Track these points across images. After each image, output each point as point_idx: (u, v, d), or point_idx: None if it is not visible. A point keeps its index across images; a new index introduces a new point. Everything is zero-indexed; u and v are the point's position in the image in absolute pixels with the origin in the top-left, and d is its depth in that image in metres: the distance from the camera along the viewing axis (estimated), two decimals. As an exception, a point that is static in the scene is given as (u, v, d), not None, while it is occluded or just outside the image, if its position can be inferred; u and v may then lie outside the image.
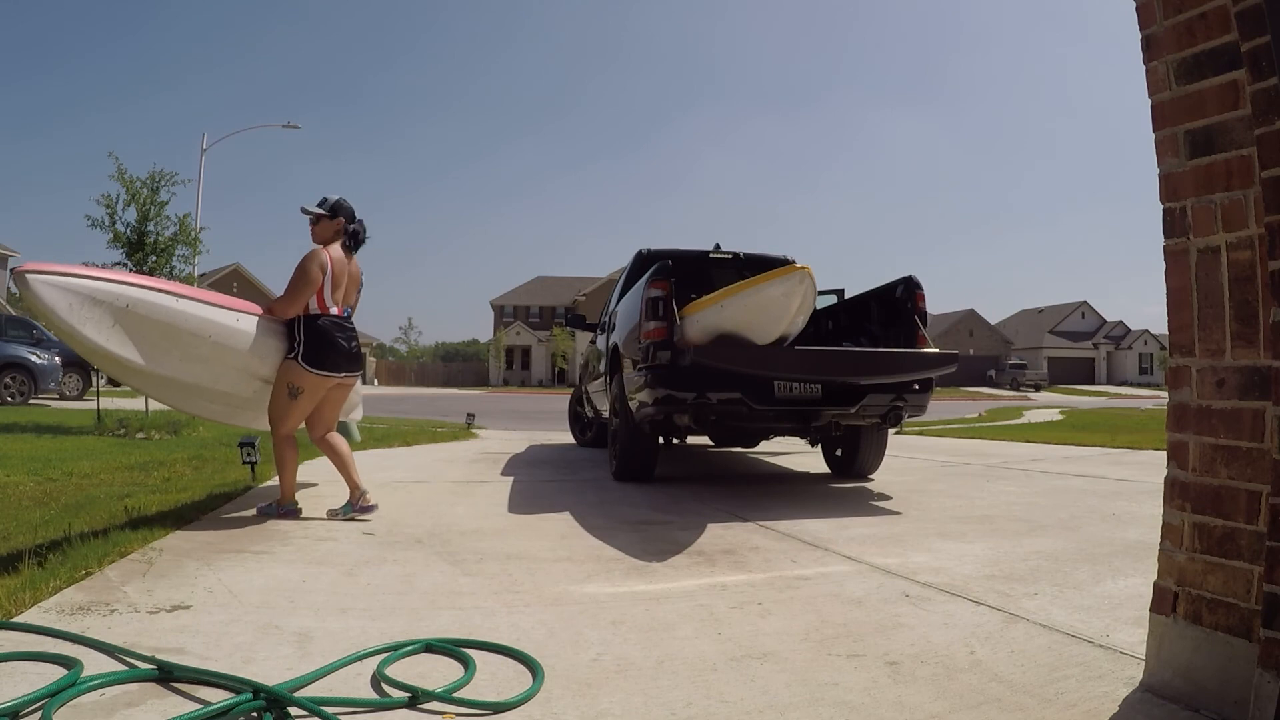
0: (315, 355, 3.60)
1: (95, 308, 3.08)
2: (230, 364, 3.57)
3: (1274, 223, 1.42)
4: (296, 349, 3.59)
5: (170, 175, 9.05)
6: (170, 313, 3.29)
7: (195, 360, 3.45)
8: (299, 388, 3.60)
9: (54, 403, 13.97)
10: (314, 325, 3.63)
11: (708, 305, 4.16)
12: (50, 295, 2.97)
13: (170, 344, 3.35)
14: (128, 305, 3.16)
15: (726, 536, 3.41)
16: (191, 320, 3.35)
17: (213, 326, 3.42)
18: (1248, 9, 1.46)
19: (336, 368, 3.68)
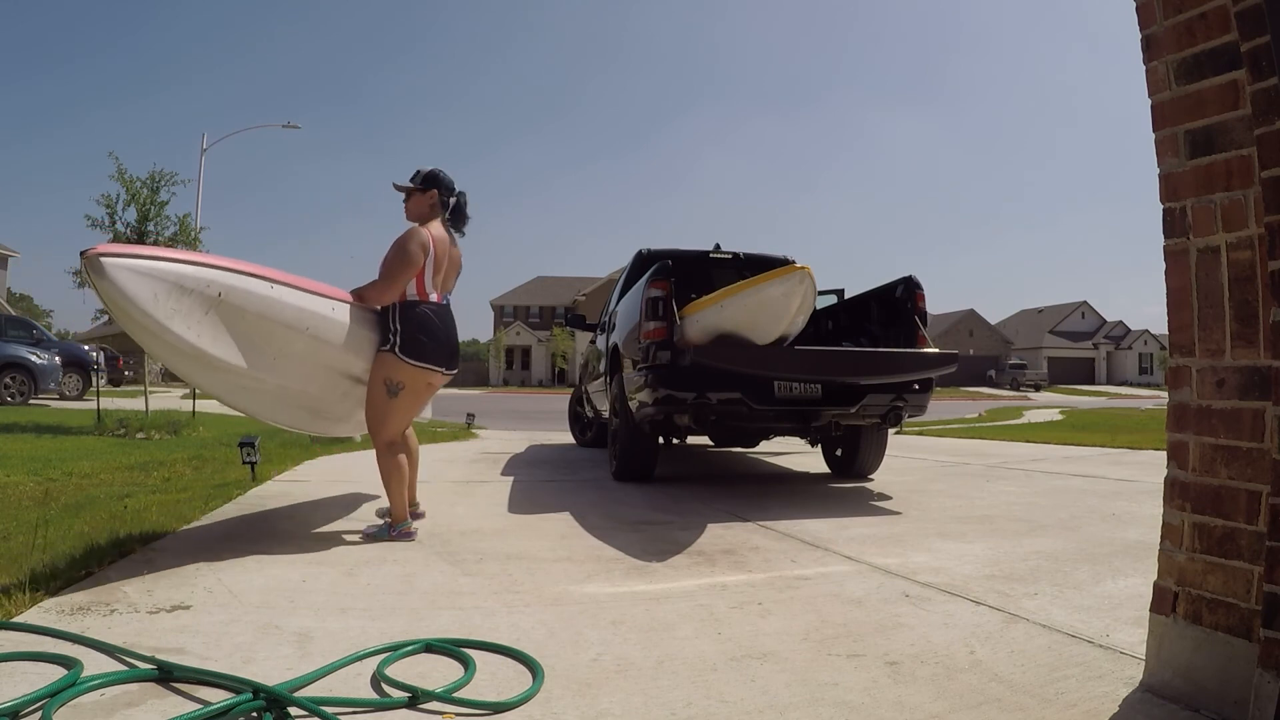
0: (414, 346, 3.19)
1: (184, 298, 2.62)
2: (324, 361, 3.16)
3: (1274, 223, 1.42)
4: (392, 340, 3.19)
5: (170, 175, 9.07)
6: (265, 302, 2.85)
7: (289, 358, 3.03)
8: (398, 383, 3.19)
9: (54, 403, 13.96)
10: (413, 312, 3.22)
11: (708, 305, 4.16)
12: (132, 284, 2.49)
13: (265, 340, 2.92)
14: (220, 294, 2.71)
15: (726, 536, 3.41)
16: (287, 310, 2.92)
17: (309, 317, 2.99)
18: (1248, 9, 1.46)
19: (437, 361, 3.26)
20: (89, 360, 15.21)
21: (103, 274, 2.43)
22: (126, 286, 2.48)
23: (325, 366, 3.19)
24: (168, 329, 2.60)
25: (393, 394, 3.19)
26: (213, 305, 2.71)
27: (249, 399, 3.16)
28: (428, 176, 3.40)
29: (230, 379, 2.96)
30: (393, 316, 3.21)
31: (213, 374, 2.92)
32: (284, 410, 3.34)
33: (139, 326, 2.58)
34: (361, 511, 3.86)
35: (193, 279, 2.65)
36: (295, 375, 3.10)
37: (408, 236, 3.25)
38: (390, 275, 3.21)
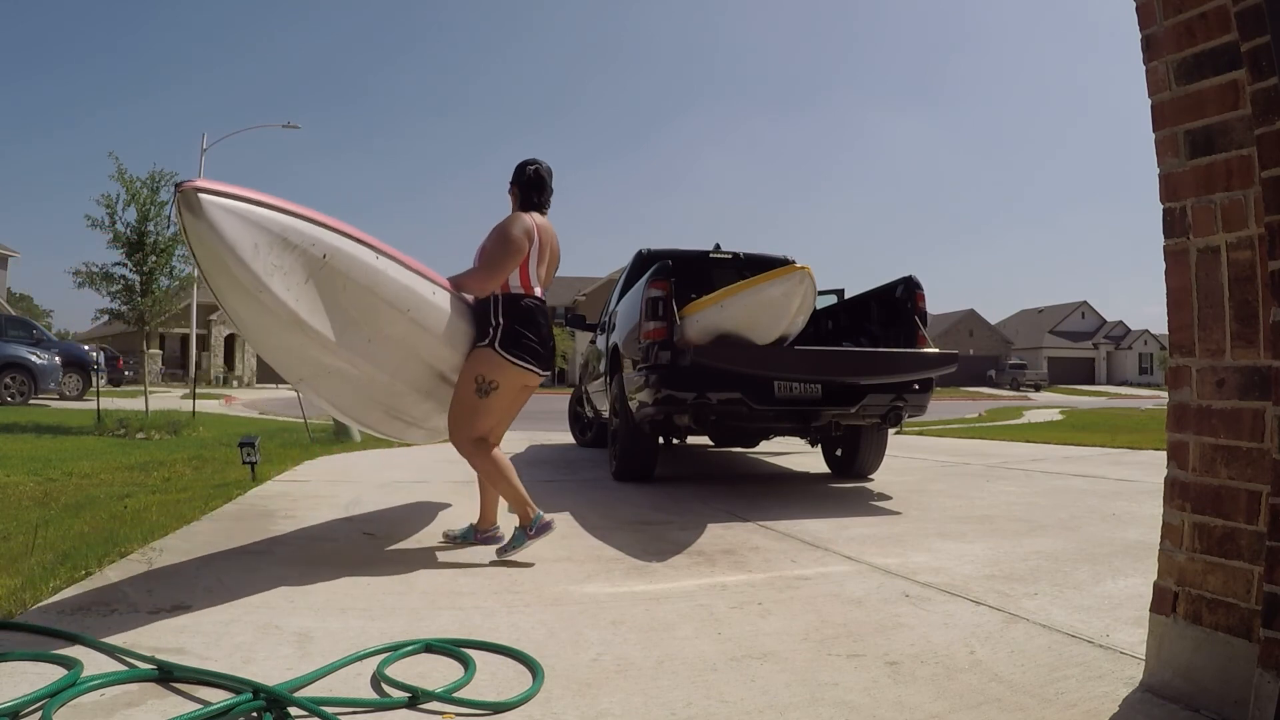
0: (516, 342, 2.93)
1: (287, 254, 2.28)
2: (420, 350, 2.83)
3: (1274, 223, 1.42)
4: (492, 334, 2.92)
5: (170, 175, 9.06)
6: (371, 273, 2.51)
7: (385, 343, 2.67)
8: (492, 382, 2.92)
9: (54, 403, 13.97)
10: (517, 306, 2.97)
11: (708, 305, 4.16)
12: (232, 229, 2.14)
13: (364, 317, 2.56)
14: (325, 256, 2.37)
15: (726, 536, 3.41)
16: (391, 286, 2.58)
17: (412, 298, 2.66)
18: (1248, 9, 1.46)
19: (537, 361, 3.00)
20: (89, 360, 15.21)
21: (199, 213, 2.06)
22: (226, 231, 2.11)
23: (418, 357, 2.86)
24: (266, 287, 2.22)
25: (483, 394, 2.93)
26: (316, 268, 2.35)
27: (330, 386, 2.80)
28: (516, 170, 3.16)
29: (318, 359, 2.59)
30: (494, 309, 2.95)
31: (299, 351, 2.55)
32: (362, 405, 3.00)
33: (231, 281, 2.20)
34: (362, 511, 3.87)
35: (298, 234, 2.29)
36: (387, 363, 2.74)
37: (509, 221, 3.02)
38: (494, 263, 2.94)
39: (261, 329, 2.48)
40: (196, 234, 2.13)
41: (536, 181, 3.12)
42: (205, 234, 2.11)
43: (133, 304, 9.05)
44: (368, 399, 2.97)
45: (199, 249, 2.18)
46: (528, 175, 3.12)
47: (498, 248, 2.96)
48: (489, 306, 2.97)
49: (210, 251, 2.16)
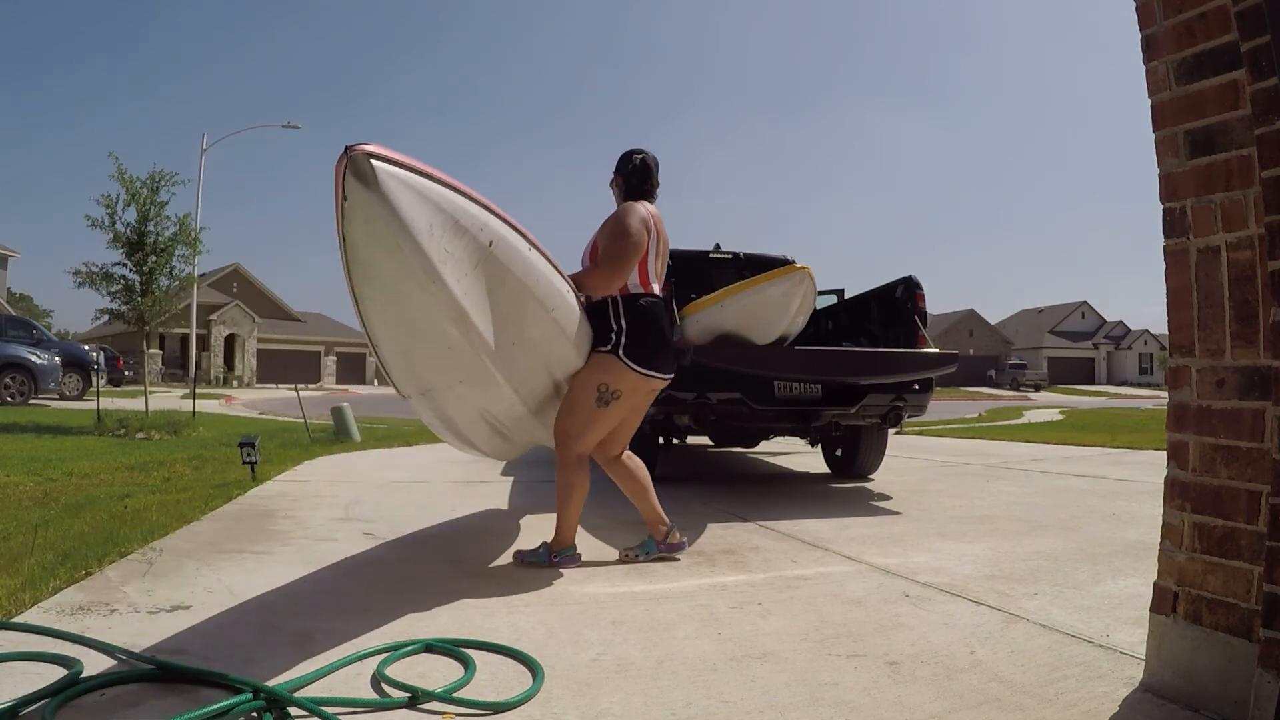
0: (640, 347, 2.72)
1: (458, 239, 2.01)
2: (551, 355, 2.58)
3: (1274, 223, 1.42)
4: (614, 338, 2.71)
5: (170, 175, 9.07)
6: (526, 266, 2.27)
7: (525, 346, 2.42)
8: (614, 391, 2.72)
9: (54, 403, 13.97)
10: (637, 307, 2.75)
11: (708, 305, 4.16)
12: (409, 205, 1.86)
13: (514, 315, 2.32)
14: (491, 244, 2.12)
15: (726, 536, 3.41)
16: (543, 283, 2.34)
17: (556, 295, 2.43)
18: (1248, 9, 1.46)
19: (663, 366, 2.81)
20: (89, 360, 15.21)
21: (372, 184, 1.77)
22: (403, 207, 1.82)
23: (545, 364, 2.61)
24: (439, 275, 1.94)
25: (603, 402, 2.71)
26: (482, 257, 2.09)
27: (455, 398, 2.52)
28: (621, 160, 2.97)
29: (463, 364, 2.31)
30: (614, 312, 2.73)
31: (445, 354, 2.26)
32: (475, 420, 2.71)
33: (399, 268, 1.91)
34: (362, 511, 3.87)
35: (469, 216, 2.02)
36: (521, 371, 2.49)
37: (626, 212, 2.78)
38: (617, 260, 2.71)
39: (412, 327, 2.16)
40: (365, 210, 1.80)
41: (644, 170, 2.93)
42: (377, 210, 1.79)
43: (133, 304, 9.06)
44: (482, 413, 2.69)
45: (364, 228, 1.85)
46: (634, 164, 2.93)
47: (618, 243, 2.72)
48: (606, 309, 2.75)
49: (378, 232, 1.83)
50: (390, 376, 2.46)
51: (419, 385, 2.47)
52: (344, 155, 1.79)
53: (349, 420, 7.92)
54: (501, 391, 2.51)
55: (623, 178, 2.95)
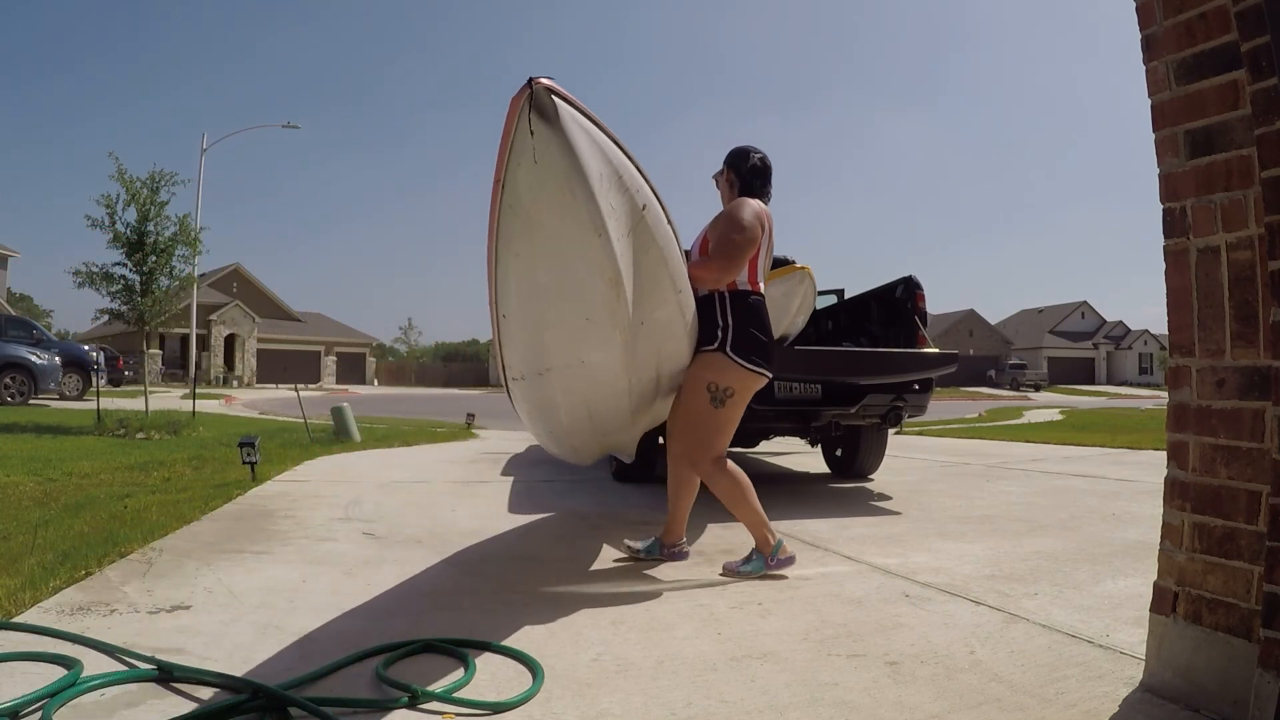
0: (749, 344, 2.66)
1: (621, 195, 1.93)
2: (667, 343, 2.47)
3: (1274, 223, 1.42)
4: (721, 335, 2.64)
5: (170, 175, 9.07)
6: (667, 239, 2.17)
7: (650, 328, 2.30)
8: (728, 389, 2.65)
9: (54, 403, 13.97)
10: (746, 304, 2.69)
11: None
12: (586, 149, 1.78)
13: (648, 291, 2.21)
14: (645, 207, 2.05)
15: (726, 536, 3.41)
16: (674, 261, 2.24)
17: (685, 280, 2.35)
18: (1248, 9, 1.46)
19: (769, 363, 2.74)
20: (89, 360, 15.22)
21: (554, 121, 1.69)
22: (580, 149, 1.74)
23: (658, 356, 2.48)
24: (604, 228, 1.84)
25: (718, 403, 2.66)
26: (635, 221, 1.99)
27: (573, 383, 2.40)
28: (732, 153, 2.90)
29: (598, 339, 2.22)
30: (722, 308, 2.67)
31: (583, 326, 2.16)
32: (579, 413, 2.63)
33: (567, 214, 1.80)
34: (362, 511, 3.87)
35: (630, 174, 1.93)
36: (640, 357, 2.37)
37: (741, 207, 2.71)
38: (733, 253, 2.63)
39: (558, 290, 2.03)
40: (544, 149, 1.68)
41: (763, 170, 2.87)
42: (555, 150, 1.68)
43: (133, 304, 9.05)
44: (587, 404, 2.58)
45: (535, 170, 1.74)
46: (754, 163, 2.86)
47: (735, 236, 2.64)
48: (712, 305, 2.67)
49: (552, 174, 1.72)
50: (506, 354, 2.33)
51: (540, 363, 2.33)
52: (526, 88, 1.67)
53: (349, 420, 7.92)
54: (618, 380, 2.43)
55: (735, 173, 2.88)
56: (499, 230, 1.87)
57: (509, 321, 2.14)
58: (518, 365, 2.36)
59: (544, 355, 2.30)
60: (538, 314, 2.16)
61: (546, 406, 2.59)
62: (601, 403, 2.59)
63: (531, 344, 2.27)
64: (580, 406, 2.58)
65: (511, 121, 1.70)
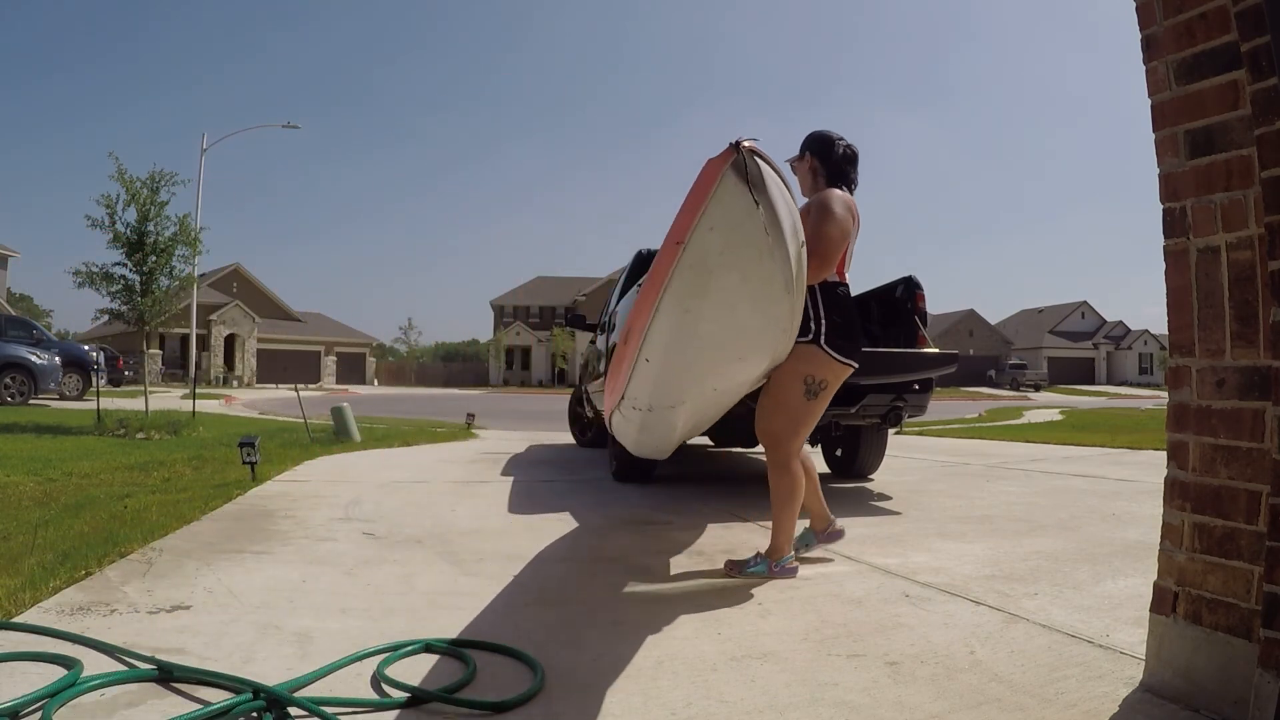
0: (840, 336, 2.65)
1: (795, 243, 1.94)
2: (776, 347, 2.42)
3: (1274, 223, 1.42)
4: (815, 328, 2.61)
5: (170, 175, 9.07)
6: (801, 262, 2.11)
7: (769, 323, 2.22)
8: (822, 381, 2.64)
9: (54, 403, 13.97)
10: (835, 295, 2.68)
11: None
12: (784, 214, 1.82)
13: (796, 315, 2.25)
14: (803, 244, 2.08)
15: (726, 536, 3.41)
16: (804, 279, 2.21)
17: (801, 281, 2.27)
18: (1248, 9, 1.46)
19: (856, 355, 2.72)
20: (89, 360, 15.22)
21: (761, 190, 1.69)
22: (781, 215, 1.76)
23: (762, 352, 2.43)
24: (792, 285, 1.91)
25: (812, 395, 2.64)
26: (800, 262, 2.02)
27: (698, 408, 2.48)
28: (805, 140, 2.83)
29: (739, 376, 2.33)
30: (814, 301, 2.63)
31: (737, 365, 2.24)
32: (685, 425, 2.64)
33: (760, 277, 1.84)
34: (362, 511, 3.87)
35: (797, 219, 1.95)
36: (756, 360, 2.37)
37: (830, 198, 2.67)
38: (830, 249, 2.59)
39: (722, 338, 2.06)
40: (746, 217, 1.68)
41: (853, 158, 2.83)
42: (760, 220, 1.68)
43: (133, 304, 9.05)
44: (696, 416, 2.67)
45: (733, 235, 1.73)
46: (842, 151, 2.80)
47: (830, 231, 2.59)
48: (808, 298, 2.60)
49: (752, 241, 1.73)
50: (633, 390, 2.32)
51: (674, 399, 2.38)
52: (731, 151, 1.66)
53: (349, 420, 7.92)
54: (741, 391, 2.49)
55: (821, 161, 2.81)
56: (671, 287, 1.85)
57: (650, 365, 2.13)
58: (646, 400, 2.38)
59: (681, 392, 2.35)
60: (688, 360, 2.16)
61: (664, 427, 2.65)
62: (718, 411, 2.70)
63: (671, 384, 2.29)
64: (696, 420, 2.66)
65: (709, 185, 1.66)
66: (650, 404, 2.38)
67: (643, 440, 2.93)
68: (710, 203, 1.68)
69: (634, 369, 2.17)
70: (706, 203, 1.68)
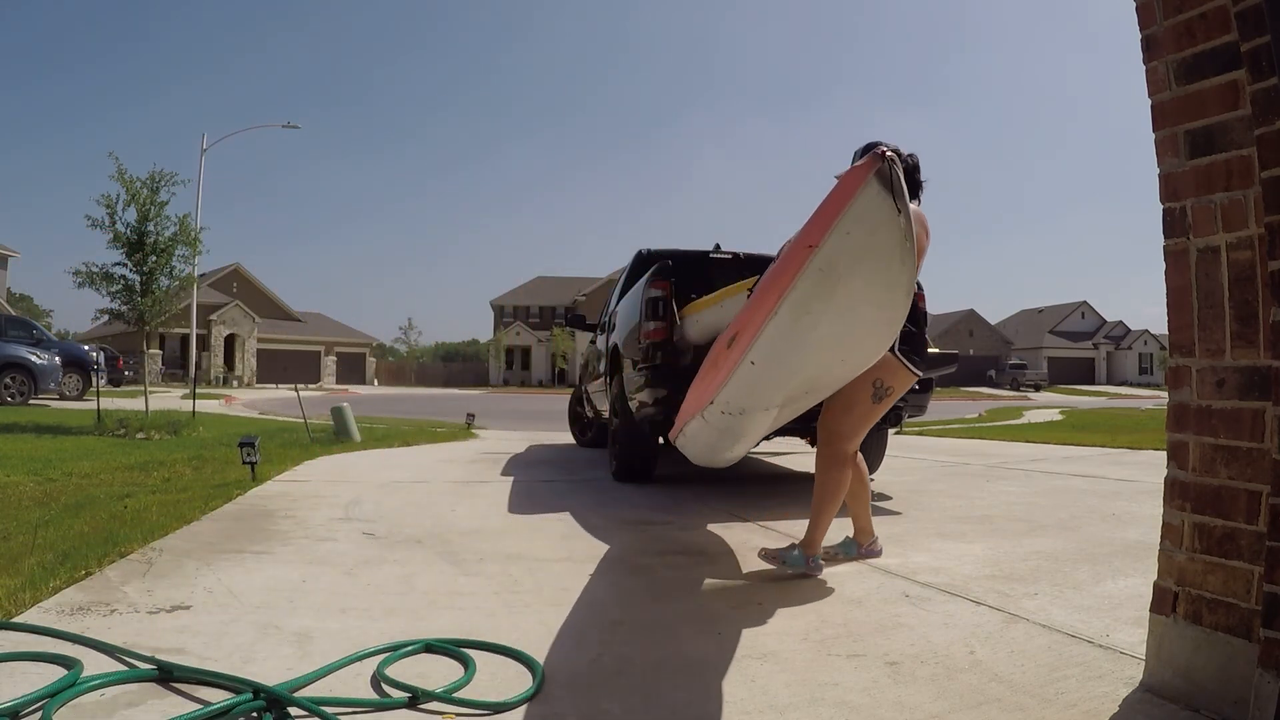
0: (910, 345, 2.72)
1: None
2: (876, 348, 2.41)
3: (1274, 223, 1.42)
4: None
5: (170, 175, 9.07)
6: None
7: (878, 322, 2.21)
8: (888, 387, 2.71)
9: (54, 403, 13.97)
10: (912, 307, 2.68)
11: (708, 305, 4.16)
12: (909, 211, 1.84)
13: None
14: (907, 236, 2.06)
15: (726, 536, 3.41)
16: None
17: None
18: (1248, 9, 1.46)
19: (921, 366, 2.79)
20: (89, 360, 15.22)
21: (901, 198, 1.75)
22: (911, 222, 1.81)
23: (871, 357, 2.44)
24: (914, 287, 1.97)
25: (878, 399, 2.71)
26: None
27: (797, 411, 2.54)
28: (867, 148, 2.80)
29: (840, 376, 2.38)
30: None
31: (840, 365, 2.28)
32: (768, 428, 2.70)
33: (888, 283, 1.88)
34: (362, 511, 3.87)
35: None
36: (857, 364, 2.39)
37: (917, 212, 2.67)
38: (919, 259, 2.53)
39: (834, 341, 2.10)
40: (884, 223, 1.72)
41: (918, 169, 2.82)
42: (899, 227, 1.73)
43: (133, 304, 9.05)
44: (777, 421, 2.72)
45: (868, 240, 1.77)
46: (912, 163, 2.79)
47: (923, 243, 2.58)
48: None
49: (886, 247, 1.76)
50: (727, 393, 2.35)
51: (770, 401, 2.42)
52: (876, 159, 1.70)
53: (349, 420, 7.92)
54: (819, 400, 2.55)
55: None
56: (795, 289, 1.88)
57: (755, 369, 2.16)
58: (740, 403, 2.40)
59: (778, 395, 2.37)
60: (795, 364, 2.19)
61: (749, 432, 2.69)
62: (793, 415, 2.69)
63: (771, 387, 2.31)
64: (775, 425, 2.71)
65: (851, 190, 1.70)
66: (744, 407, 2.40)
67: (718, 448, 2.93)
68: (851, 208, 1.71)
69: (734, 372, 2.19)
70: (848, 207, 1.71)
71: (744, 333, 2.14)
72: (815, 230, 1.82)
